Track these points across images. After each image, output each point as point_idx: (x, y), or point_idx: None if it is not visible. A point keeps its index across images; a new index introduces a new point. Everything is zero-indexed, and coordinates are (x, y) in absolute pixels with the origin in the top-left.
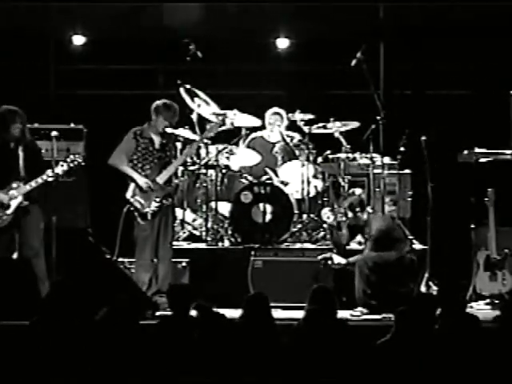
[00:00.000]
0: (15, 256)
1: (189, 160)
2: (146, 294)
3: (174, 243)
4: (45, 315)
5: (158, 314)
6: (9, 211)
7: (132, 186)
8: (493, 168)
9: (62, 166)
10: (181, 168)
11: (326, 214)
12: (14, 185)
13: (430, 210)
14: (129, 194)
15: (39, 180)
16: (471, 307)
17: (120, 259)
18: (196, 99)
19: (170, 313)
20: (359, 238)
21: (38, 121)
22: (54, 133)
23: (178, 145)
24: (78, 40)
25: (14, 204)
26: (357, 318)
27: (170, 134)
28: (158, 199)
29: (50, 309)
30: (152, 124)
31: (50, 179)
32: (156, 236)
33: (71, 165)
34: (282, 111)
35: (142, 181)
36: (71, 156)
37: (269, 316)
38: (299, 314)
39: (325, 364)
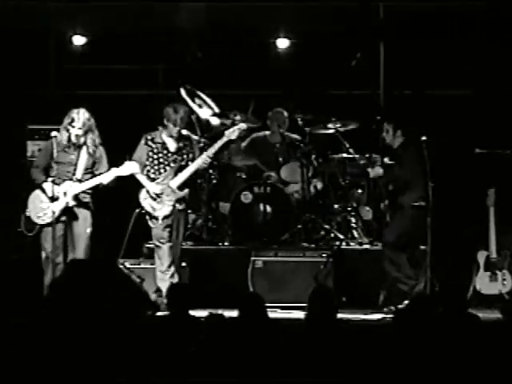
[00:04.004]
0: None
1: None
2: (146, 293)
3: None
4: (44, 314)
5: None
6: (56, 209)
7: (144, 189)
8: (493, 168)
9: (115, 171)
10: None
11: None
12: (66, 184)
13: (430, 210)
14: (141, 197)
15: (88, 184)
16: None
17: (121, 260)
18: (196, 99)
19: (168, 313)
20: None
21: (38, 121)
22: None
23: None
24: (78, 40)
25: (60, 204)
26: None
27: (187, 137)
28: (170, 203)
29: (50, 308)
30: (165, 128)
31: (100, 182)
32: (168, 238)
33: (123, 173)
34: (284, 111)
35: (152, 190)
36: (126, 163)
37: (265, 316)
38: (299, 314)
39: (325, 364)
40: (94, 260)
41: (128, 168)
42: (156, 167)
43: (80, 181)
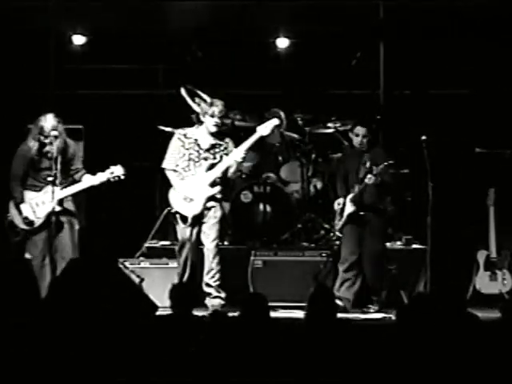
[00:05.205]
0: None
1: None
2: (145, 294)
3: (175, 243)
4: (44, 315)
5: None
6: (40, 215)
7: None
8: (493, 167)
9: (100, 177)
10: None
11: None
12: (49, 190)
13: (430, 210)
14: (171, 197)
15: (74, 188)
16: None
17: (121, 259)
18: (196, 99)
19: (171, 312)
20: None
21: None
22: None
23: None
24: (78, 40)
25: (46, 208)
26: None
27: (222, 134)
28: (201, 202)
29: (49, 308)
30: (201, 124)
31: (85, 187)
32: (196, 238)
33: (110, 176)
34: (281, 111)
35: (183, 192)
36: (112, 167)
37: (267, 316)
38: (299, 314)
39: (325, 364)
40: (94, 260)
41: (113, 172)
42: (186, 163)
43: (62, 185)
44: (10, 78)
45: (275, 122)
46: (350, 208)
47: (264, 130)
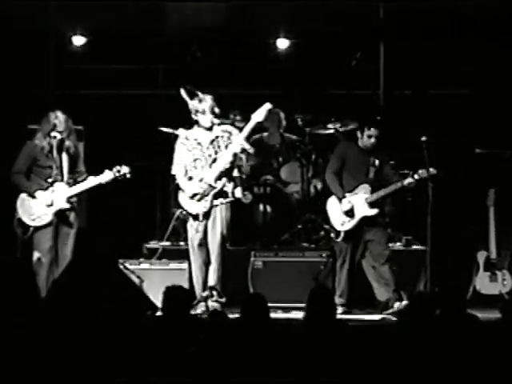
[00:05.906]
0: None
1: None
2: (145, 294)
3: (175, 243)
4: (44, 315)
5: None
6: (49, 212)
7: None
8: (493, 168)
9: (108, 175)
10: None
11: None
12: (57, 187)
13: (430, 210)
14: (180, 197)
15: (82, 186)
16: None
17: (121, 260)
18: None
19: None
20: None
21: (38, 121)
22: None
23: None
24: (78, 40)
25: (55, 206)
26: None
27: (222, 128)
28: (209, 199)
29: (49, 308)
30: (197, 123)
31: (93, 185)
32: (204, 236)
33: (117, 174)
34: (281, 112)
35: (190, 191)
36: (117, 166)
37: (266, 317)
38: (299, 315)
39: (324, 364)
40: (95, 260)
41: (120, 171)
42: (192, 164)
43: (68, 183)
44: (11, 78)
45: (268, 106)
46: (368, 211)
47: (258, 115)
